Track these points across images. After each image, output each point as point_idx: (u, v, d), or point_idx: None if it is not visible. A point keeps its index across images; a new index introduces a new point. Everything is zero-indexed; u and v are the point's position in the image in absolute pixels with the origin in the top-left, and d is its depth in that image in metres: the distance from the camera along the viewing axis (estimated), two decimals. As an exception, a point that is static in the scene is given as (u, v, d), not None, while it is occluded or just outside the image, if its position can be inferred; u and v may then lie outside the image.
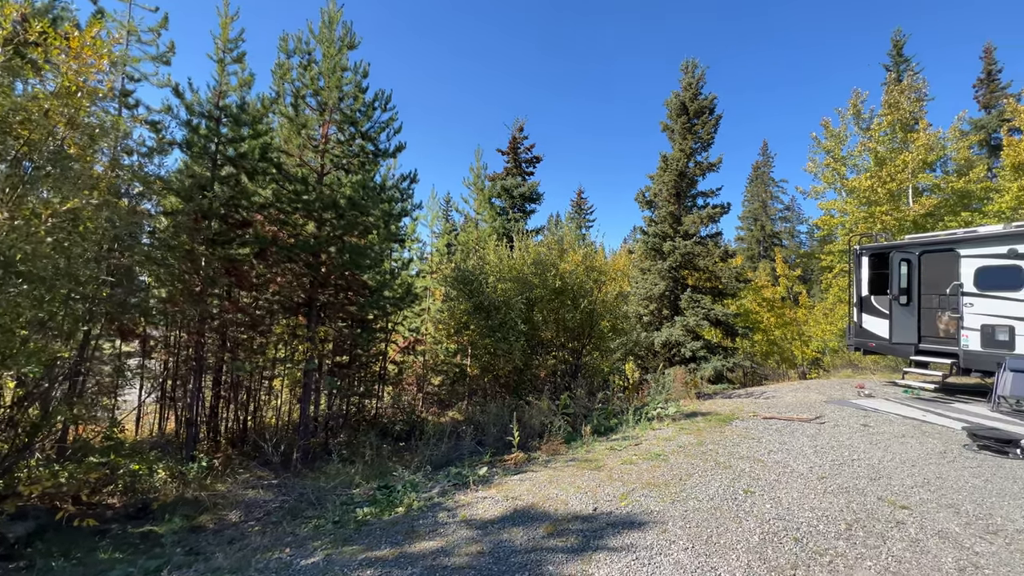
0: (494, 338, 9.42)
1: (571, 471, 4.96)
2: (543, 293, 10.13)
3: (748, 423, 6.81)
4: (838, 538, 3.38)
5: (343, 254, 8.27)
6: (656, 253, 15.07)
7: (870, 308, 10.37)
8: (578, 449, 5.92)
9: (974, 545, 3.29)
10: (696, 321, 13.62)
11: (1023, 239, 7.94)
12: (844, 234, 16.39)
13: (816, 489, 4.29)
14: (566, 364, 11.01)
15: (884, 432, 6.23)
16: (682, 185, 15.12)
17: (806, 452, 5.38)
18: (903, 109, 15.59)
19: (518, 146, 21.35)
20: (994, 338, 8.14)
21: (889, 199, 14.82)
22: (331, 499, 5.02)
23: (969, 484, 4.42)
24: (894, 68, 21.58)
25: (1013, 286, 7.95)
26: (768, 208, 39.00)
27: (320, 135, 8.57)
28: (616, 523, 3.63)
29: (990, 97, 23.58)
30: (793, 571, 2.96)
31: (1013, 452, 5.28)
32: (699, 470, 4.78)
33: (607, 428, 7.04)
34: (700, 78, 15.40)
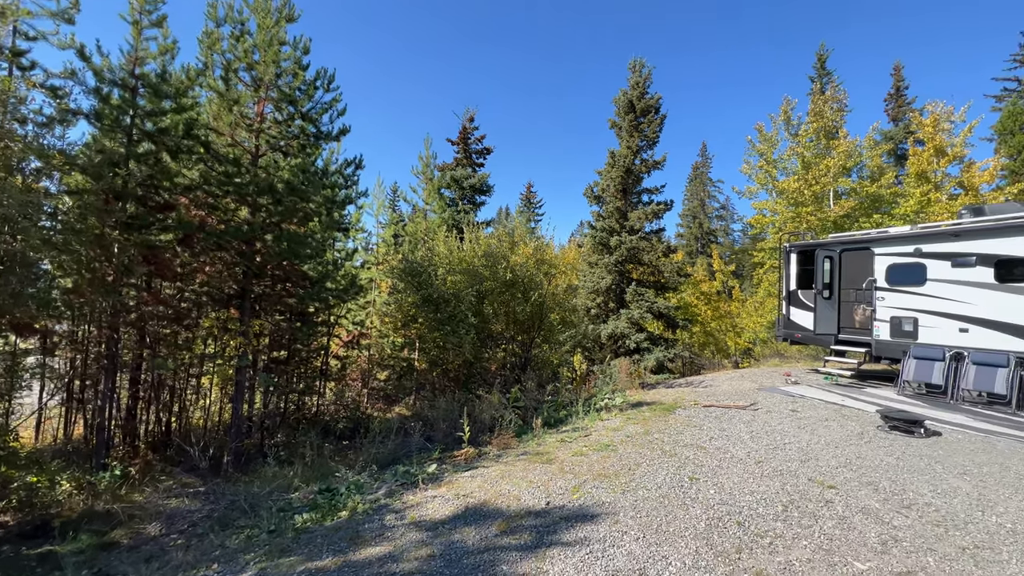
0: (444, 331, 9.21)
1: (523, 465, 4.91)
2: (494, 286, 10.02)
3: (690, 411, 7.09)
4: (776, 520, 3.55)
5: (281, 242, 7.72)
6: (603, 247, 15.39)
7: (797, 302, 11.15)
8: (529, 442, 5.89)
9: (892, 520, 3.57)
10: (640, 314, 14.07)
11: (927, 240, 8.80)
12: (774, 232, 17.52)
13: (754, 473, 4.51)
14: (516, 357, 11.00)
15: (810, 416, 6.70)
16: (629, 181, 15.51)
17: (743, 438, 5.66)
18: (826, 118, 16.84)
19: (468, 136, 21.02)
20: (901, 328, 8.99)
21: (814, 200, 16.00)
22: (266, 505, 4.67)
23: (884, 463, 4.82)
24: (818, 79, 23.25)
25: (918, 281, 8.81)
26: (706, 206, 41.07)
27: (255, 113, 7.93)
28: (569, 517, 3.61)
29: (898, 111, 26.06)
30: (738, 555, 3.06)
31: (918, 432, 5.82)
32: (647, 459, 4.89)
33: (557, 420, 7.08)
34: (647, 78, 15.80)
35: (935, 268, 8.57)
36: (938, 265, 8.53)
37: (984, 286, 7.93)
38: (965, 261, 8.18)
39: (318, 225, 8.59)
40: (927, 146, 15.48)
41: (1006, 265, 7.70)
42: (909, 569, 2.91)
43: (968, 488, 4.18)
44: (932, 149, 15.28)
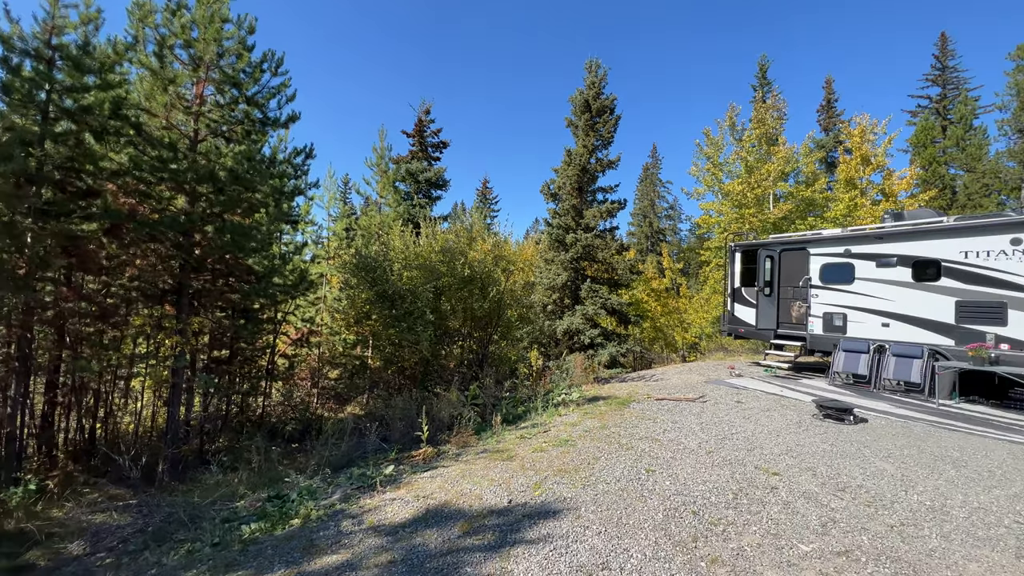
0: (399, 328, 8.99)
1: (483, 463, 4.87)
2: (451, 282, 9.90)
3: (644, 405, 7.32)
4: (727, 507, 3.72)
5: (223, 234, 7.23)
6: (560, 244, 15.57)
7: (741, 298, 11.77)
8: (489, 440, 5.86)
9: (830, 502, 3.83)
10: (595, 310, 14.37)
11: (855, 241, 9.52)
12: (720, 232, 18.41)
13: (706, 463, 4.71)
14: (473, 353, 10.93)
15: (754, 407, 7.09)
16: (584, 180, 15.76)
17: (695, 429, 5.90)
18: (767, 125, 17.85)
19: (424, 129, 20.61)
20: (832, 323, 9.70)
21: (756, 203, 16.94)
22: (209, 516, 4.36)
23: (820, 449, 5.17)
24: (760, 89, 24.62)
25: (847, 280, 9.52)
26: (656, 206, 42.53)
27: (194, 95, 7.36)
28: (532, 514, 3.61)
29: (829, 121, 28.05)
30: (694, 543, 3.18)
31: (848, 419, 6.30)
32: (605, 453, 4.99)
33: (516, 416, 7.10)
34: (603, 78, 16.09)
35: (862, 268, 9.29)
36: (865, 265, 9.26)
37: (903, 284, 8.69)
38: (887, 261, 8.92)
39: (265, 217, 8.11)
40: (854, 155, 16.77)
41: (921, 266, 8.48)
42: (847, 548, 3.13)
43: (892, 470, 4.56)
44: (859, 158, 16.57)
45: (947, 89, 29.59)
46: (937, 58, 30.22)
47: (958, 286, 7.99)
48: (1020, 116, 23.81)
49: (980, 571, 2.88)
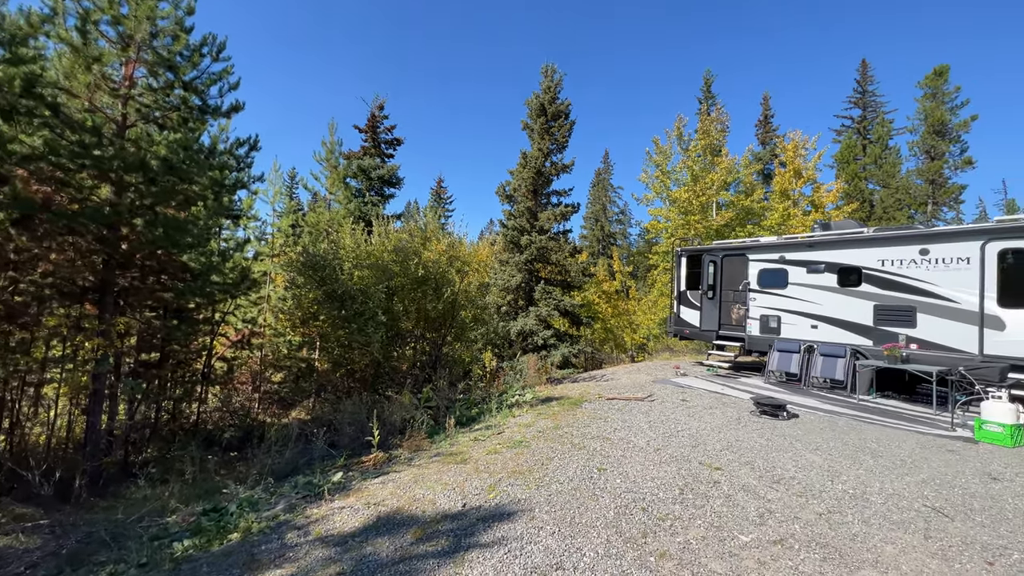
0: (349, 329, 8.69)
1: (437, 467, 4.80)
2: (404, 282, 9.70)
3: (595, 405, 7.48)
4: (674, 503, 3.87)
5: (154, 228, 6.70)
6: (515, 246, 15.66)
7: (686, 301, 12.31)
8: (442, 443, 5.78)
9: (767, 494, 4.08)
10: (548, 311, 14.57)
11: (788, 249, 10.22)
12: (667, 238, 19.18)
13: (654, 460, 4.88)
14: (427, 355, 10.76)
15: (698, 405, 7.43)
16: (539, 183, 15.95)
17: (643, 428, 6.10)
18: (712, 136, 18.81)
19: (377, 125, 20.09)
20: (768, 325, 10.35)
21: (701, 210, 17.80)
22: (135, 534, 4.02)
23: (757, 444, 5.49)
24: (705, 102, 25.92)
25: (781, 284, 10.19)
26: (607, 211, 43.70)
27: (123, 76, 6.77)
28: (486, 517, 3.60)
29: (766, 135, 29.96)
30: (644, 539, 3.28)
31: (782, 415, 6.74)
32: (558, 453, 5.05)
33: (470, 418, 7.05)
34: (558, 83, 16.34)
35: (795, 273, 9.98)
36: (797, 271, 9.95)
37: (829, 289, 9.41)
38: (816, 268, 9.64)
39: (203, 210, 7.59)
40: (788, 168, 18.01)
41: (845, 272, 9.22)
42: (781, 536, 3.34)
43: (820, 461, 4.92)
44: (792, 171, 17.81)
45: (867, 111, 32.43)
46: (859, 82, 33.05)
47: (876, 291, 8.76)
48: (927, 139, 26.48)
49: (895, 552, 3.16)
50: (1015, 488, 4.32)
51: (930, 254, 8.16)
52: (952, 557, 3.11)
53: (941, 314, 7.98)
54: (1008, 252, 7.42)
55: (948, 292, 7.92)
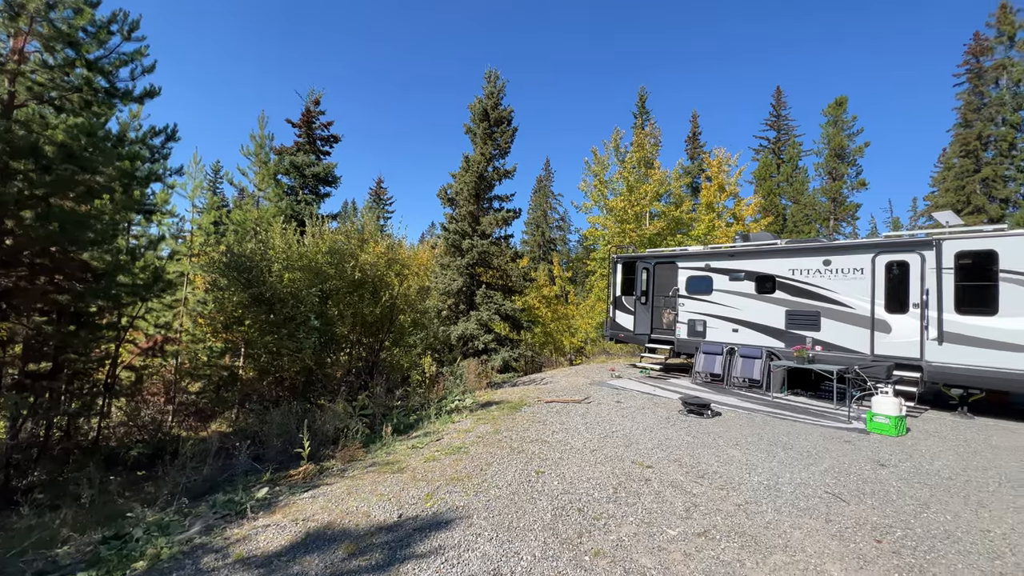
0: (279, 335, 8.20)
1: (372, 477, 4.64)
2: (340, 285, 9.30)
3: (534, 408, 7.58)
4: (608, 502, 4.00)
5: (47, 222, 5.95)
6: (456, 250, 15.56)
7: (621, 306, 12.83)
8: (378, 452, 5.60)
9: (692, 488, 4.32)
10: (489, 316, 14.59)
11: (713, 258, 10.96)
12: (604, 245, 19.89)
13: (590, 461, 5.02)
14: (363, 361, 10.38)
15: (631, 406, 7.75)
16: (481, 187, 15.97)
17: (580, 430, 6.26)
18: (645, 149, 19.80)
19: (313, 120, 19.21)
20: (695, 329, 11.02)
21: (635, 219, 18.64)
22: (15, 571, 3.52)
23: (685, 441, 5.82)
24: (640, 116, 27.23)
25: (706, 291, 10.90)
26: (548, 217, 44.62)
27: (11, 49, 5.98)
28: (423, 527, 3.52)
29: (694, 151, 31.99)
30: (579, 539, 3.36)
31: (706, 413, 7.19)
32: (497, 458, 5.06)
33: (408, 426, 6.89)
34: (501, 89, 16.50)
35: (719, 281, 10.72)
36: (720, 278, 10.69)
37: (749, 296, 10.20)
38: (737, 276, 10.41)
39: (108, 204, 6.86)
40: (713, 182, 19.34)
41: (762, 280, 10.03)
42: (705, 528, 3.55)
43: (740, 456, 5.30)
44: (717, 185, 19.14)
45: (781, 134, 35.64)
46: (774, 107, 36.27)
47: (787, 298, 9.61)
48: (829, 161, 29.54)
49: (801, 536, 3.47)
50: (899, 473, 4.89)
51: (831, 265, 9.09)
52: (848, 537, 3.47)
53: (841, 319, 8.90)
54: (894, 264, 8.43)
55: (846, 299, 8.85)
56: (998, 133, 24.99)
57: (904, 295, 8.24)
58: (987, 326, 7.35)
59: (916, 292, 8.07)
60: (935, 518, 3.83)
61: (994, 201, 24.59)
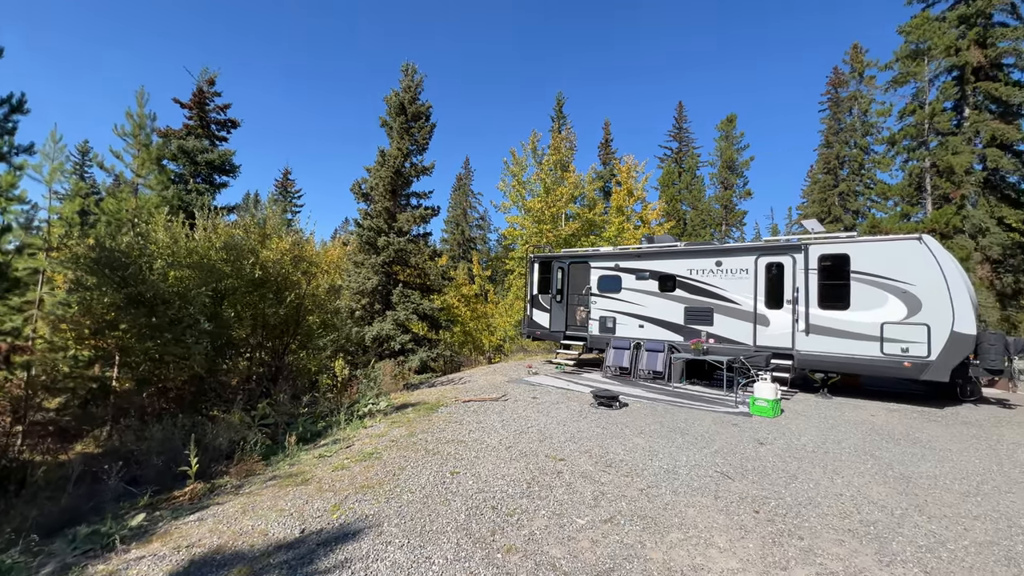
0: (162, 340, 7.29)
1: (272, 492, 4.28)
2: (237, 284, 8.49)
3: (451, 408, 7.51)
4: (522, 497, 4.07)
5: None
6: (371, 247, 14.96)
7: (538, 304, 13.15)
8: (280, 464, 5.19)
9: (600, 478, 4.54)
10: (406, 315, 14.22)
11: (622, 258, 11.62)
12: (523, 244, 20.28)
13: (505, 458, 5.07)
14: (266, 366, 9.57)
15: (546, 401, 7.97)
16: (398, 183, 15.51)
17: (497, 427, 6.31)
18: (562, 153, 20.50)
19: (207, 102, 17.37)
20: (606, 325, 11.61)
21: (552, 220, 19.23)
22: None
23: (595, 433, 6.10)
24: (557, 120, 28.12)
25: (616, 289, 11.54)
26: (468, 215, 44.52)
27: None
28: (328, 540, 3.32)
29: (607, 156, 33.72)
30: (493, 537, 3.37)
31: (615, 405, 7.60)
32: (411, 462, 4.93)
33: (316, 433, 6.47)
34: (418, 84, 16.13)
35: (627, 280, 11.39)
36: (628, 278, 11.37)
37: (653, 294, 10.96)
38: (643, 275, 11.14)
39: (-74, 185, 5.61)
40: (623, 187, 20.52)
41: (664, 279, 10.84)
42: (611, 515, 3.74)
43: (644, 443, 5.66)
44: (626, 190, 20.33)
45: (682, 144, 38.81)
46: (676, 120, 39.41)
47: (686, 296, 10.47)
48: (722, 172, 32.75)
49: (694, 514, 3.79)
50: (774, 450, 5.53)
51: (722, 265, 10.06)
52: (732, 511, 3.85)
53: (730, 314, 9.88)
54: (772, 265, 9.53)
55: (734, 296, 9.85)
56: (851, 154, 29.34)
57: (780, 292, 9.36)
58: (841, 319, 8.59)
59: (789, 290, 9.20)
60: (801, 487, 4.39)
61: (848, 212, 28.82)
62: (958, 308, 7.63)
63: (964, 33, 16.73)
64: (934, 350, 7.72)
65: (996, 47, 16.52)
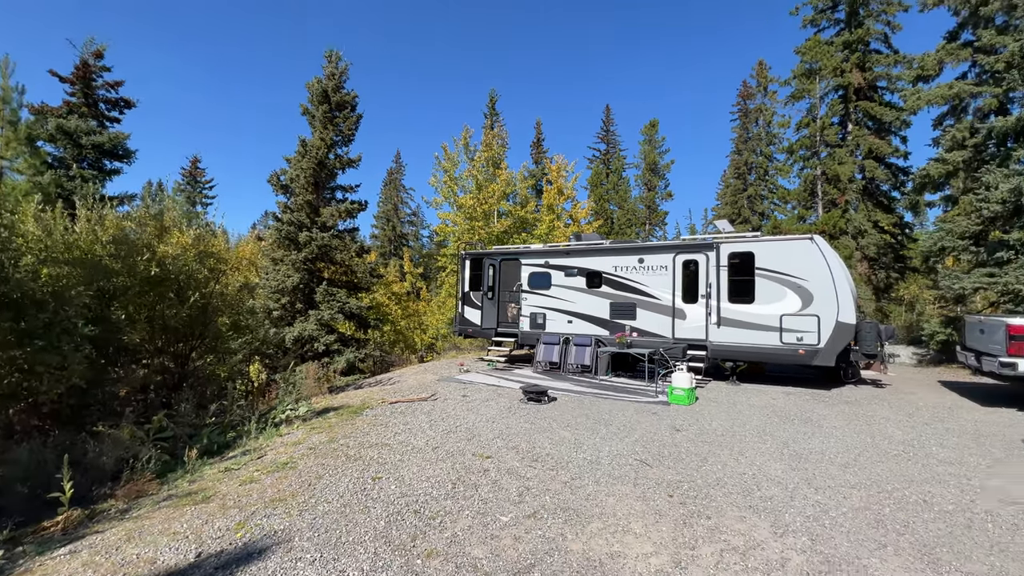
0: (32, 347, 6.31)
1: (165, 514, 3.85)
2: (130, 283, 7.58)
3: (377, 411, 7.23)
4: (447, 498, 3.98)
5: None
6: (291, 243, 14.04)
7: (470, 301, 13.07)
8: (179, 481, 4.69)
9: (526, 473, 4.56)
10: (331, 315, 13.52)
11: (552, 255, 11.84)
12: (455, 241, 20.06)
13: (431, 459, 4.95)
14: (167, 374, 8.64)
15: (476, 399, 7.91)
16: (322, 175, 14.69)
17: (424, 428, 6.15)
18: (494, 150, 20.51)
19: (92, 76, 15.36)
20: (536, 321, 11.78)
21: (484, 217, 19.19)
22: None
23: (523, 428, 6.14)
24: (490, 117, 28.10)
25: (546, 286, 11.74)
26: (399, 211, 43.31)
27: None
28: (229, 563, 3.03)
29: (538, 156, 34.24)
30: (413, 542, 3.26)
31: (544, 400, 7.72)
32: (330, 469, 4.66)
33: (223, 445, 5.94)
34: (343, 71, 15.37)
35: (556, 277, 11.62)
36: (558, 274, 11.61)
37: (581, 290, 11.27)
38: (571, 272, 11.42)
39: None
40: (554, 186, 20.95)
41: (591, 276, 11.18)
42: (535, 510, 3.76)
43: (570, 436, 5.78)
44: (556, 189, 20.78)
45: (610, 146, 40.37)
46: (604, 123, 40.91)
47: (611, 292, 10.88)
48: (645, 174, 34.49)
49: (614, 502, 3.91)
50: (689, 435, 5.88)
51: (644, 262, 10.56)
52: (649, 496, 4.02)
53: (651, 309, 10.40)
54: (689, 262, 10.15)
55: (655, 292, 10.38)
56: (757, 161, 32.11)
57: (695, 288, 9.99)
58: (747, 312, 9.34)
59: (703, 285, 9.85)
60: (711, 469, 4.69)
61: (755, 214, 31.54)
62: (842, 300, 8.57)
63: (848, 57, 18.87)
64: (823, 338, 8.62)
65: (872, 71, 18.82)
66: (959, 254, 13.07)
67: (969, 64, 14.63)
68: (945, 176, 14.04)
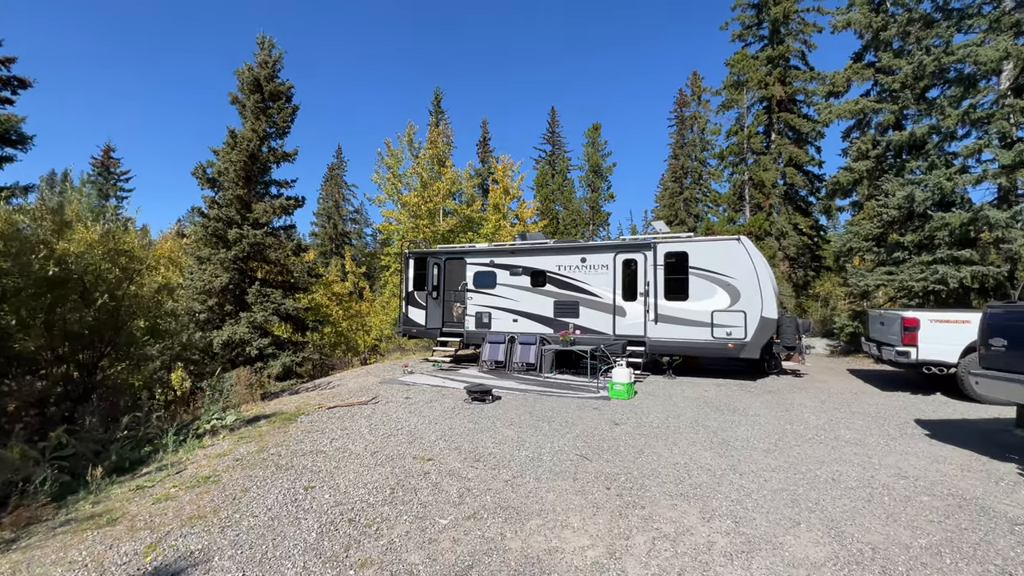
0: None
1: (61, 541, 3.45)
2: (23, 283, 6.76)
3: (313, 417, 6.90)
4: (384, 504, 3.86)
5: None
6: (219, 240, 13.12)
7: (414, 301, 12.80)
8: (81, 504, 4.22)
9: (468, 474, 4.52)
10: (265, 317, 12.78)
11: (497, 255, 11.84)
12: (399, 239, 19.59)
13: (369, 464, 4.78)
14: (71, 384, 7.79)
15: (419, 400, 7.75)
16: (254, 169, 13.83)
17: (363, 433, 5.94)
18: (439, 148, 20.23)
19: (-24, 50, 13.55)
20: (482, 321, 11.74)
21: (429, 215, 18.88)
22: None
23: (466, 429, 6.08)
24: (435, 115, 27.73)
25: (491, 285, 11.73)
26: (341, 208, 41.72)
27: None
28: (135, 590, 2.76)
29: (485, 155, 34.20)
30: (347, 553, 3.12)
31: (488, 399, 7.70)
32: (258, 481, 4.38)
33: (136, 461, 5.42)
34: (277, 60, 14.56)
35: (501, 276, 11.64)
36: (503, 274, 11.63)
37: (526, 289, 11.36)
38: (516, 271, 11.49)
39: None
40: (500, 185, 21.00)
41: (536, 275, 11.30)
42: (475, 511, 3.73)
43: (513, 434, 5.80)
44: (503, 188, 20.84)
45: (555, 148, 41.06)
46: (550, 124, 41.55)
47: (555, 290, 11.05)
48: (589, 176, 35.42)
49: (554, 498, 3.96)
50: (627, 429, 6.08)
51: (587, 261, 10.82)
52: (588, 490, 4.11)
53: (593, 306, 10.67)
54: (629, 261, 10.51)
55: (597, 290, 10.66)
56: (692, 166, 33.87)
57: (635, 286, 10.36)
58: (682, 308, 9.81)
59: (642, 283, 10.24)
60: (647, 461, 4.87)
61: (691, 216, 33.26)
62: (765, 297, 9.21)
63: (771, 71, 20.36)
64: (749, 332, 9.22)
65: (792, 85, 20.44)
66: (864, 254, 14.47)
67: (872, 83, 16.23)
68: (852, 183, 15.49)
